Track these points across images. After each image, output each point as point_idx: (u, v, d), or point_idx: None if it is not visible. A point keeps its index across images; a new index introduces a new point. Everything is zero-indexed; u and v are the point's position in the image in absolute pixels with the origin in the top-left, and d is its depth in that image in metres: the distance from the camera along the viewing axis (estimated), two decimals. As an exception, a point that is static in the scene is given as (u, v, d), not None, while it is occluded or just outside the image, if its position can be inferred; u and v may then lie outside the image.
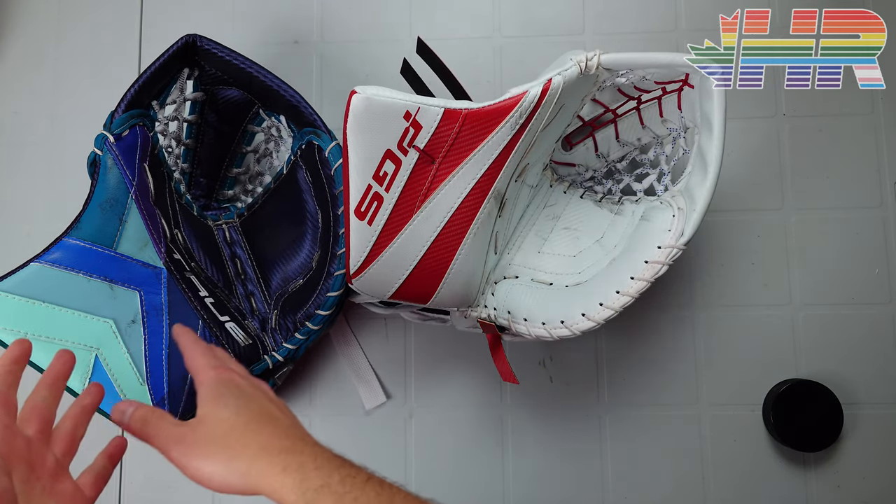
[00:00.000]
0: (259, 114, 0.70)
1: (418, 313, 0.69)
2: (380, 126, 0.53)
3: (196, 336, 0.52)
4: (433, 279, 0.59)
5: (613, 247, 0.62)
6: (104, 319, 0.56)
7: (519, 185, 0.62)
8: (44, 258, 0.55)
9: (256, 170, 0.75)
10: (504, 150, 0.55)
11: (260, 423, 0.45)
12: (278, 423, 0.46)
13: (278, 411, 0.47)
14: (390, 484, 0.45)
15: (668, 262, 0.56)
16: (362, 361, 0.75)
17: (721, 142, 0.55)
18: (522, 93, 0.53)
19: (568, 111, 0.62)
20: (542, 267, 0.65)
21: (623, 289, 0.57)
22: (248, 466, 0.42)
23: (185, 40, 0.62)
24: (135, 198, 0.59)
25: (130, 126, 0.59)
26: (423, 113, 0.53)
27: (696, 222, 0.56)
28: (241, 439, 0.44)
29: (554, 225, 0.68)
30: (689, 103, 0.61)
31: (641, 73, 0.60)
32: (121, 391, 0.55)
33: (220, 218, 0.72)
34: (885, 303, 0.74)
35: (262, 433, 0.44)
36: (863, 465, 0.72)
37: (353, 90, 0.52)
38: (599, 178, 0.72)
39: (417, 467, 0.74)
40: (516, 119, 0.54)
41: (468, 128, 0.54)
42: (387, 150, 0.54)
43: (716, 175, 0.55)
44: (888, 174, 0.75)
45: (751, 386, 0.73)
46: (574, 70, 0.55)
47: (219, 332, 0.62)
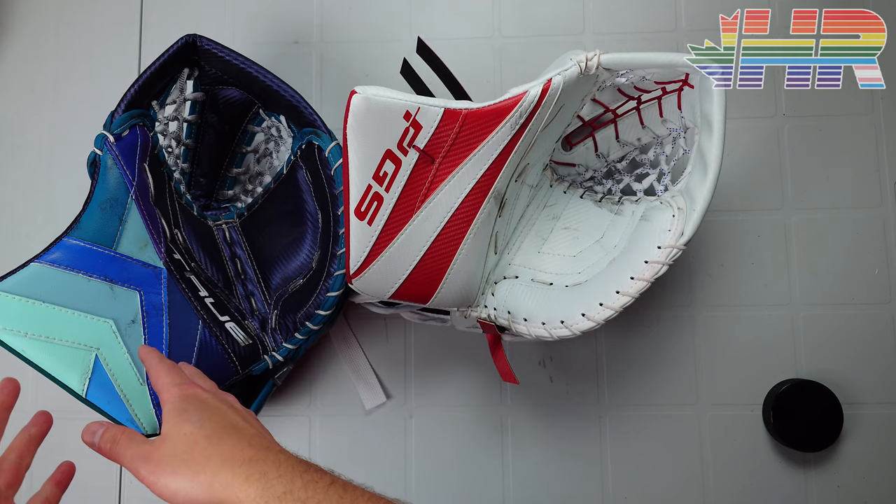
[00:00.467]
0: (259, 114, 0.70)
1: (418, 313, 0.69)
2: (380, 126, 0.53)
3: (161, 355, 0.53)
4: (433, 279, 0.59)
5: (613, 247, 0.62)
6: (104, 319, 0.56)
7: (519, 185, 0.62)
8: (44, 258, 0.55)
9: (256, 170, 0.75)
10: (504, 150, 0.55)
11: (222, 434, 0.45)
12: (242, 433, 0.46)
13: (243, 422, 0.48)
14: (354, 486, 0.45)
15: (668, 263, 0.56)
16: (362, 361, 0.75)
17: (721, 142, 0.55)
18: (522, 93, 0.53)
19: (568, 111, 0.62)
20: (542, 267, 0.65)
21: (623, 289, 0.56)
22: (212, 479, 0.43)
23: (185, 40, 0.62)
24: (135, 198, 0.59)
25: (130, 126, 0.59)
26: (423, 113, 0.53)
27: (696, 222, 0.56)
28: (203, 452, 0.44)
29: (554, 225, 0.68)
30: (689, 103, 0.61)
31: (641, 73, 0.60)
32: (121, 391, 0.55)
33: (220, 218, 0.72)
34: (885, 303, 0.74)
35: (225, 445, 0.45)
36: (863, 465, 0.72)
37: (353, 90, 0.52)
38: (599, 178, 0.72)
39: (417, 467, 0.74)
40: (516, 119, 0.54)
41: (468, 128, 0.54)
42: (387, 150, 0.54)
43: (716, 175, 0.55)
44: (888, 174, 0.75)
45: (751, 386, 0.73)
46: (574, 70, 0.55)
47: (219, 331, 0.62)
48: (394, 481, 0.74)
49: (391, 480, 0.74)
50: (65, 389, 0.54)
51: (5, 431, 0.50)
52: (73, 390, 0.54)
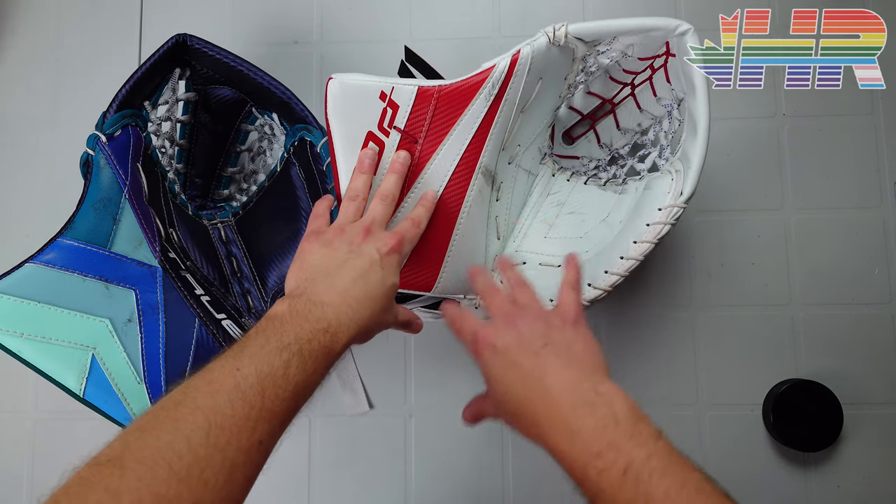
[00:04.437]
0: (252, 112, 0.70)
1: (431, 311, 0.69)
2: (358, 109, 0.54)
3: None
4: (434, 262, 0.59)
5: (619, 222, 0.62)
6: (100, 319, 0.56)
7: (514, 168, 0.62)
8: (38, 259, 0.55)
9: (251, 168, 0.74)
10: (483, 123, 0.56)
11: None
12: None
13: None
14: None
15: (670, 222, 0.56)
16: (351, 368, 0.75)
17: (706, 98, 0.54)
18: (492, 66, 0.54)
19: (551, 89, 0.62)
20: (549, 251, 0.65)
21: (627, 254, 0.57)
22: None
23: (176, 40, 0.62)
24: (128, 197, 0.59)
25: (122, 126, 0.59)
26: (397, 92, 0.54)
27: (693, 179, 0.55)
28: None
29: (559, 211, 0.68)
30: (675, 73, 0.61)
31: (620, 47, 0.60)
32: (118, 390, 0.55)
33: (215, 217, 0.72)
34: (885, 303, 0.74)
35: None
36: (863, 465, 0.72)
37: (329, 77, 0.54)
38: (604, 165, 0.72)
39: (417, 467, 0.74)
40: (489, 91, 0.55)
41: (443, 104, 0.55)
42: (368, 132, 0.55)
43: (706, 130, 0.55)
44: (888, 174, 0.75)
45: (751, 386, 0.73)
46: (543, 40, 0.55)
47: (216, 329, 0.62)
48: (394, 481, 0.74)
49: (391, 480, 0.74)
50: (62, 389, 0.54)
51: None
52: (71, 390, 0.54)
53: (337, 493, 0.74)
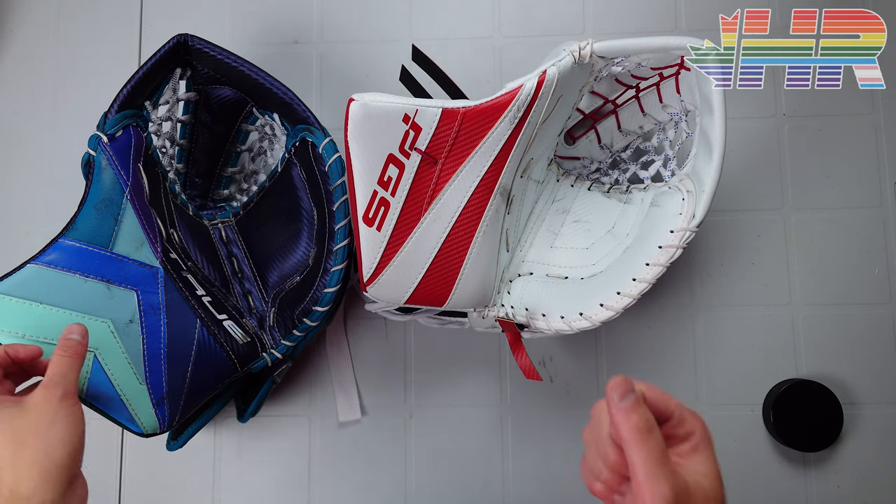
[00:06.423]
0: (253, 112, 0.70)
1: (436, 318, 0.69)
2: (380, 131, 0.53)
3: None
4: (447, 280, 0.59)
5: (626, 235, 0.62)
6: (102, 320, 0.56)
7: (525, 180, 0.62)
8: (40, 259, 0.55)
9: (251, 168, 0.74)
10: (505, 145, 0.55)
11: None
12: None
13: None
14: None
15: (682, 246, 0.56)
16: (348, 373, 0.75)
17: (723, 121, 0.54)
18: (518, 87, 0.54)
19: (567, 103, 0.62)
20: (555, 262, 0.65)
21: (639, 276, 0.57)
22: None
23: (177, 40, 0.62)
24: (130, 198, 0.59)
25: (123, 126, 0.59)
26: (421, 114, 0.53)
27: (706, 203, 0.56)
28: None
29: (564, 219, 0.68)
30: (688, 86, 0.61)
31: (636, 59, 0.60)
32: (120, 391, 0.55)
33: (216, 217, 0.72)
34: (885, 303, 0.74)
35: None
36: (863, 465, 0.72)
37: (350, 98, 0.52)
38: (605, 168, 0.72)
39: (417, 467, 0.74)
40: (514, 113, 0.54)
41: (467, 126, 0.54)
42: (389, 154, 0.54)
43: (721, 155, 0.55)
44: (888, 174, 0.75)
45: (751, 386, 0.73)
46: (568, 60, 0.55)
47: (217, 330, 0.62)
48: (394, 481, 0.74)
49: (391, 480, 0.74)
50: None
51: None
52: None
53: (337, 493, 0.75)
